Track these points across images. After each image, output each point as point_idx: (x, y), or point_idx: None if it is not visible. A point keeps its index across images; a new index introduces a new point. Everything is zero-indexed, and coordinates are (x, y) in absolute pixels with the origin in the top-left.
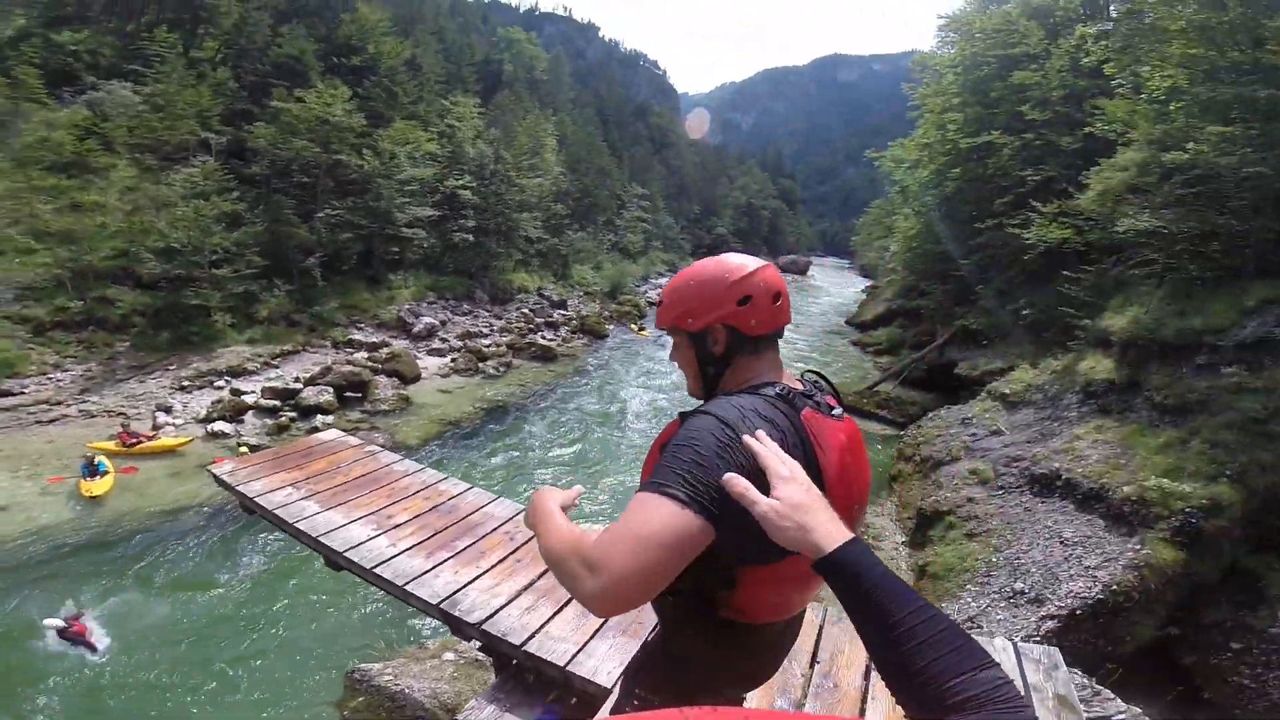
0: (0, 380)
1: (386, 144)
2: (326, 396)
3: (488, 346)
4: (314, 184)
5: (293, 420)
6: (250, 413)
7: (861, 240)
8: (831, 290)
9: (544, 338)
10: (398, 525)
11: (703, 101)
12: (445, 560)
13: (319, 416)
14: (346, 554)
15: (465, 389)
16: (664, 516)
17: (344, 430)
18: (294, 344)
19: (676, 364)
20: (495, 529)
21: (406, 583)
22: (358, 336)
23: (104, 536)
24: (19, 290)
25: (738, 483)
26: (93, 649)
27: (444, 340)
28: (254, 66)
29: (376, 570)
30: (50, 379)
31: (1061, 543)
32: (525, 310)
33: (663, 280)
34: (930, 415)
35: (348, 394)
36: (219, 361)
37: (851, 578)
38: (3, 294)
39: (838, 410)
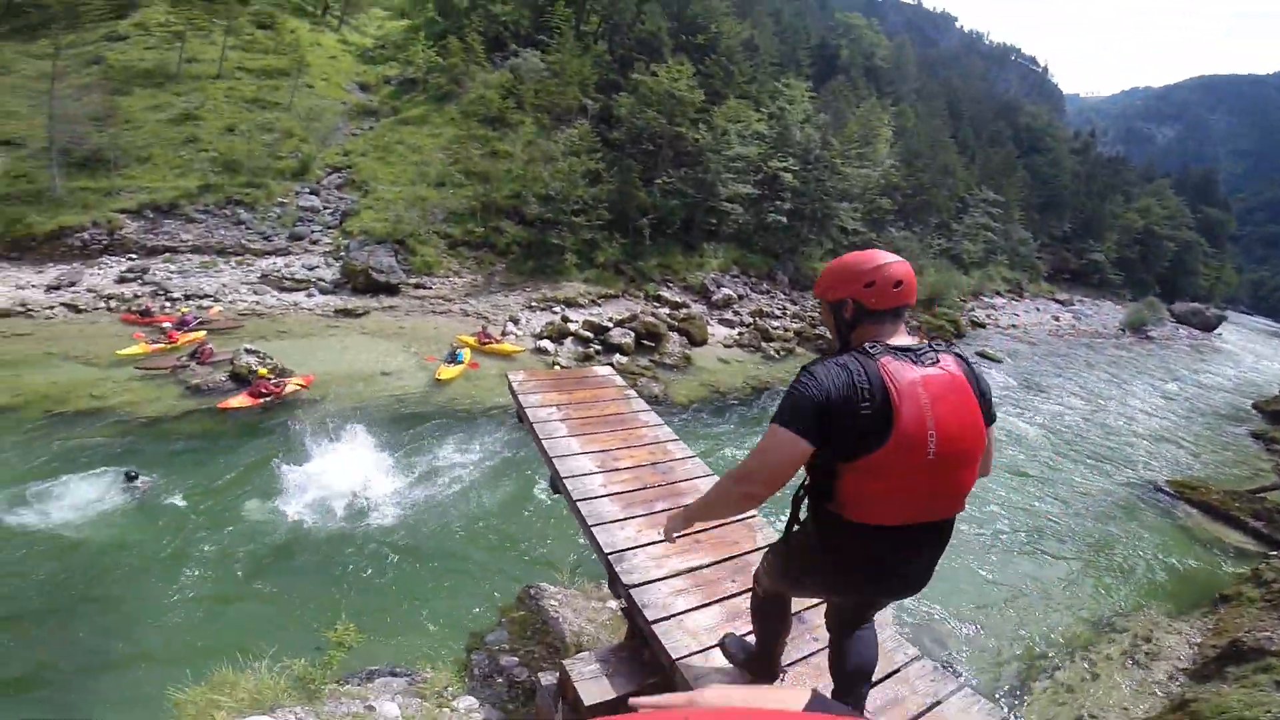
0: (422, 276)
1: (720, 120)
2: (627, 340)
3: (775, 328)
4: (656, 152)
5: (598, 353)
6: (569, 339)
7: None
8: (1245, 361)
9: None
10: (616, 469)
11: (1101, 107)
12: (637, 516)
13: (617, 355)
14: (565, 480)
15: (742, 363)
16: (774, 435)
17: (629, 373)
18: (616, 289)
19: (823, 324)
20: None
21: (594, 524)
22: (665, 294)
23: (434, 411)
24: (447, 213)
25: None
26: None
27: (736, 314)
28: (622, 40)
29: (578, 503)
30: (449, 282)
31: None
32: None
33: (998, 299)
34: None
35: (644, 341)
36: (560, 292)
37: None
38: (438, 215)
39: (939, 359)
